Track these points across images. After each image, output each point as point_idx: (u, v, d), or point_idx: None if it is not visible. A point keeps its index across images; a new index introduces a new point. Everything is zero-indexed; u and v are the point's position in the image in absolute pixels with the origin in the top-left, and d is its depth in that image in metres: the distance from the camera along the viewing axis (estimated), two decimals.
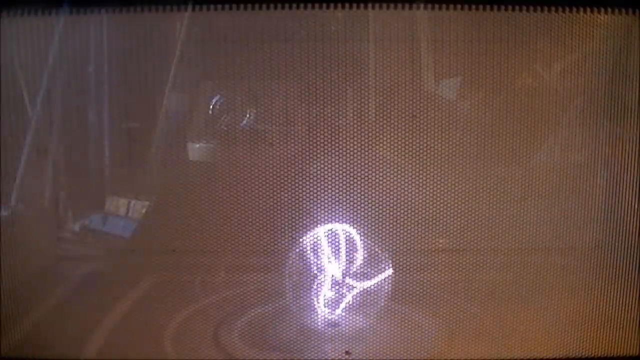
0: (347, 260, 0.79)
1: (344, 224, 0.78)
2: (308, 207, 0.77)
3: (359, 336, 0.78)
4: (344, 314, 0.78)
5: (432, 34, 0.76)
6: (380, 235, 0.78)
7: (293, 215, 0.78)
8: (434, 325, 0.78)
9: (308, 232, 0.78)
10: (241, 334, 0.78)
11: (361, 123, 0.77)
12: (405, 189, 0.78)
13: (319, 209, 0.77)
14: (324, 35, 0.75)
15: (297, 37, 0.75)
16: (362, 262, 0.79)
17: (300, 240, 0.78)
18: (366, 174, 0.77)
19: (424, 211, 0.78)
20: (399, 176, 0.78)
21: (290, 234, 0.78)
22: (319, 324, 0.78)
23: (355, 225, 0.78)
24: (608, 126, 0.79)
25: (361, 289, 0.79)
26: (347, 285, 0.79)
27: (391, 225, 0.79)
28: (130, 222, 0.86)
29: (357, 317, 0.78)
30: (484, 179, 0.81)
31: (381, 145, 0.78)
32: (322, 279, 0.78)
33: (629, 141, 0.76)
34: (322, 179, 0.76)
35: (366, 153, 0.77)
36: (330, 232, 0.78)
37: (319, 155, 0.76)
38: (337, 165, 0.76)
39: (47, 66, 0.83)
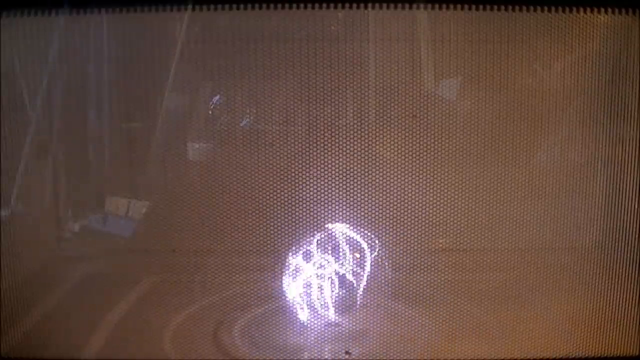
0: (347, 260, 0.79)
1: (344, 223, 0.78)
2: (308, 207, 0.77)
3: (359, 336, 0.78)
4: (344, 314, 0.78)
5: (432, 34, 0.76)
6: (380, 235, 0.78)
7: (293, 215, 0.77)
8: (434, 326, 0.78)
9: (308, 232, 0.78)
10: (241, 334, 0.78)
11: (361, 123, 0.77)
12: (406, 188, 0.78)
13: (319, 209, 0.77)
14: (324, 35, 0.75)
15: (297, 37, 0.75)
16: (362, 262, 0.79)
17: (301, 240, 0.78)
18: (366, 174, 0.77)
19: (424, 211, 0.78)
20: (399, 176, 0.78)
21: (290, 234, 0.78)
22: (319, 324, 0.78)
23: (355, 225, 0.78)
24: (608, 126, 0.79)
25: (361, 289, 0.79)
26: (348, 285, 0.79)
27: (392, 225, 0.79)
28: (130, 222, 0.86)
29: (358, 317, 0.78)
30: (485, 179, 0.81)
31: (381, 145, 0.78)
32: (322, 279, 0.78)
33: (629, 141, 0.76)
34: (322, 179, 0.76)
35: (366, 153, 0.77)
36: (330, 232, 0.78)
37: (319, 155, 0.76)
38: (337, 165, 0.76)
39: (47, 66, 0.83)
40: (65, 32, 0.78)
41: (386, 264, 0.79)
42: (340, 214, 0.77)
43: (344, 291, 0.78)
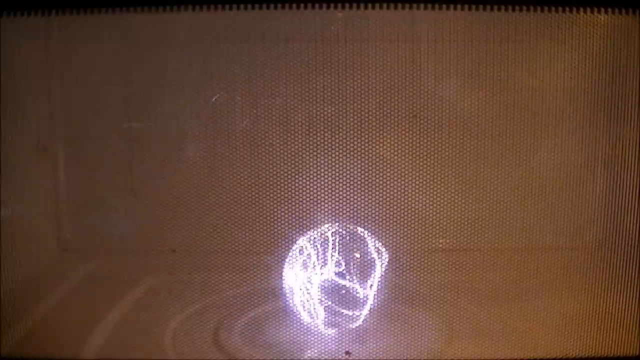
0: (347, 260, 0.79)
1: (345, 223, 0.78)
2: (308, 207, 0.77)
3: (359, 336, 0.78)
4: (344, 314, 0.78)
5: (432, 34, 0.76)
6: (380, 235, 0.78)
7: (293, 215, 0.78)
8: (434, 326, 0.78)
9: (308, 232, 0.78)
10: (241, 334, 0.78)
11: (361, 123, 0.77)
12: (406, 189, 0.78)
13: (319, 209, 0.77)
14: (324, 35, 0.75)
15: (297, 37, 0.75)
16: (362, 262, 0.79)
17: (301, 240, 0.78)
18: (366, 174, 0.77)
19: (424, 211, 0.78)
20: (399, 176, 0.78)
21: (290, 234, 0.78)
22: (319, 324, 0.78)
23: (355, 225, 0.78)
24: (608, 126, 0.79)
25: (361, 289, 0.79)
26: (348, 285, 0.79)
27: (392, 225, 0.79)
28: (130, 222, 0.86)
29: (358, 318, 0.78)
30: (485, 179, 0.81)
31: (382, 145, 0.78)
32: (323, 279, 0.78)
33: (629, 141, 0.76)
34: (322, 179, 0.76)
35: (366, 153, 0.77)
36: (330, 232, 0.78)
37: (319, 155, 0.76)
38: (337, 165, 0.76)
39: (47, 66, 0.84)
40: (65, 32, 0.79)
41: (386, 263, 0.79)
42: (340, 214, 0.77)
43: (344, 291, 0.78)
